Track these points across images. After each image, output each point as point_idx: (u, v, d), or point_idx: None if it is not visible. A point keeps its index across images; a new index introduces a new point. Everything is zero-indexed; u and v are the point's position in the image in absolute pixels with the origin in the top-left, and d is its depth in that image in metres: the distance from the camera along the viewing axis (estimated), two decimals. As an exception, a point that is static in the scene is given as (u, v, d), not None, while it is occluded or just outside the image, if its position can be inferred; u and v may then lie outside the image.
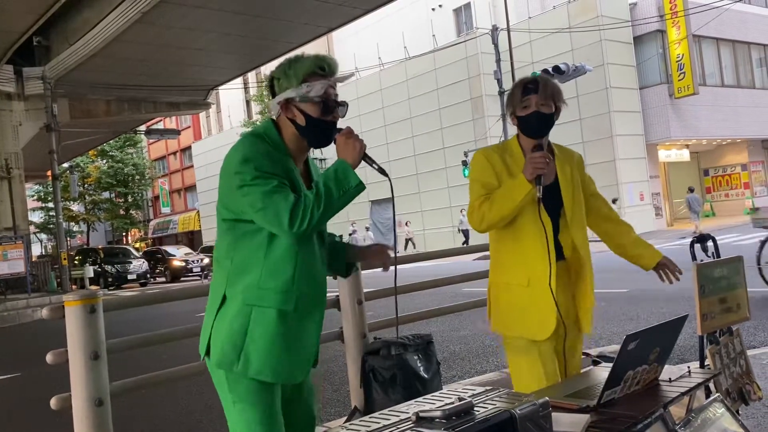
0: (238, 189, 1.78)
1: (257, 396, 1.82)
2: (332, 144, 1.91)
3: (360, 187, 1.81)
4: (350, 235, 28.14)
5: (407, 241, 27.96)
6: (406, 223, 28.27)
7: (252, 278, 1.82)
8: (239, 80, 27.48)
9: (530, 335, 2.37)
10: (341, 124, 1.96)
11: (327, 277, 2.02)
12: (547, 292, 2.31)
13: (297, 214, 1.74)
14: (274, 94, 1.94)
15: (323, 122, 1.89)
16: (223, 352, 1.82)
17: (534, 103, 2.35)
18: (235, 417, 1.84)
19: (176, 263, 28.47)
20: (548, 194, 2.36)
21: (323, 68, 1.89)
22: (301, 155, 1.96)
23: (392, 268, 2.10)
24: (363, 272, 4.05)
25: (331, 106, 1.89)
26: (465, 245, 25.36)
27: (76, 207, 42.63)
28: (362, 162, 1.86)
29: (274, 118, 1.95)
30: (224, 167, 1.85)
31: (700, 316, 2.55)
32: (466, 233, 25.72)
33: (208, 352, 1.87)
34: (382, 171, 1.90)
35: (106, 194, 43.84)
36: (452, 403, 1.39)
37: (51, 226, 37.72)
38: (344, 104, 1.93)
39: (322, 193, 1.76)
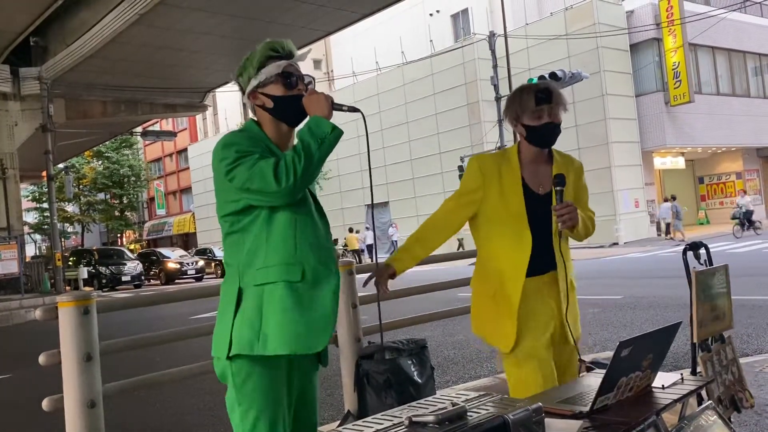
0: (226, 175, 1.82)
1: (262, 398, 1.81)
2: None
3: (336, 131, 1.83)
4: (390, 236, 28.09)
5: (459, 241, 27.64)
6: None
7: (258, 262, 1.84)
8: (235, 83, 27.46)
9: (498, 345, 2.40)
10: None
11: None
12: (512, 305, 2.33)
13: (281, 170, 1.77)
14: (244, 93, 1.99)
15: (288, 98, 1.92)
16: (241, 336, 1.80)
17: (546, 114, 2.31)
18: (237, 418, 1.84)
19: (171, 265, 28.40)
20: (545, 202, 2.36)
21: (276, 50, 1.94)
22: (285, 144, 1.97)
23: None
24: (358, 276, 4.06)
25: (293, 81, 1.92)
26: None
27: (70, 208, 42.53)
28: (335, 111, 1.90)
29: (254, 118, 1.99)
30: (213, 165, 1.88)
31: (697, 324, 2.56)
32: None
33: (228, 354, 1.84)
34: (353, 109, 1.96)
35: (101, 195, 43.76)
36: (445, 408, 1.39)
37: (45, 226, 37.62)
38: (310, 78, 1.97)
39: (299, 147, 1.80)
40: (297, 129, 1.94)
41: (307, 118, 1.88)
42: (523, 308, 2.35)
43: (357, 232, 29.21)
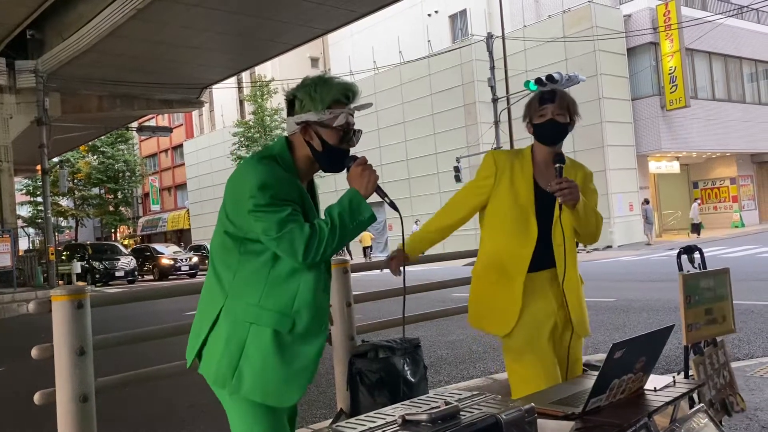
0: (251, 213, 1.77)
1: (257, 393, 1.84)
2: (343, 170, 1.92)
3: (372, 218, 1.83)
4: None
5: None
6: None
7: (253, 296, 1.82)
8: (233, 80, 27.47)
9: (496, 330, 2.49)
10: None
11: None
12: (515, 290, 2.41)
13: (312, 246, 1.75)
14: (291, 110, 1.92)
15: (338, 150, 1.89)
16: (219, 369, 1.81)
17: (550, 112, 2.44)
18: (235, 411, 1.86)
19: (165, 261, 28.34)
20: (549, 202, 2.43)
21: (348, 96, 1.89)
22: (309, 175, 1.96)
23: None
24: (353, 275, 4.06)
25: (350, 136, 1.90)
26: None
27: (65, 202, 42.36)
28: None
29: (287, 135, 1.94)
30: (236, 186, 1.82)
31: (686, 327, 2.57)
32: None
33: (199, 357, 1.88)
34: (393, 206, 1.94)
35: (95, 190, 43.59)
36: (438, 407, 1.39)
37: (39, 220, 37.41)
38: (360, 132, 1.95)
39: (337, 225, 1.78)
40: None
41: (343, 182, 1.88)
42: (524, 303, 2.43)
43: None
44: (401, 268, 2.41)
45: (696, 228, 24.40)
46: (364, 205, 1.82)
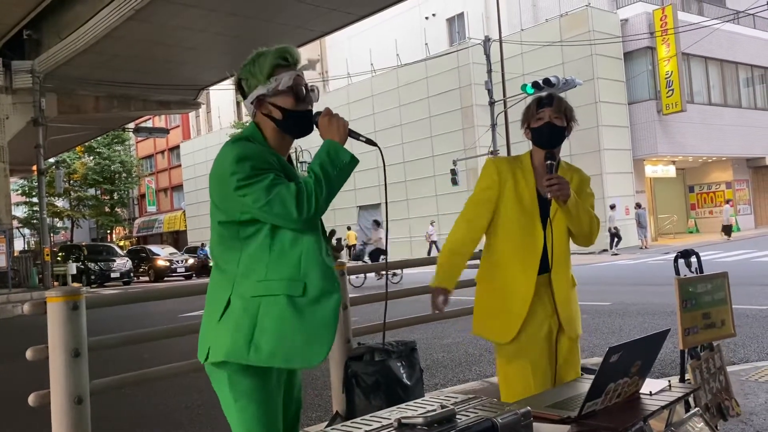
0: (236, 190, 1.77)
1: (257, 393, 1.82)
2: (314, 131, 1.94)
3: (354, 161, 1.84)
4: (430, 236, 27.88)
5: None
6: None
7: (259, 274, 1.82)
8: (230, 81, 27.48)
9: (492, 337, 2.50)
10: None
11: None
12: (524, 297, 2.41)
13: (302, 200, 1.75)
14: (244, 95, 1.95)
15: (299, 112, 1.90)
16: (234, 343, 1.79)
17: (547, 116, 2.46)
18: (235, 415, 1.84)
19: (160, 263, 28.28)
20: (546, 207, 2.45)
21: (286, 59, 1.91)
22: (284, 151, 1.97)
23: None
24: (350, 276, 4.06)
25: (303, 94, 1.91)
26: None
27: (60, 203, 42.27)
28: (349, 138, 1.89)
29: (251, 119, 1.96)
30: (216, 171, 1.83)
31: (682, 331, 2.57)
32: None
33: (206, 358, 1.86)
34: (370, 142, 1.95)
35: (91, 191, 43.50)
36: (434, 410, 1.39)
37: (35, 221, 37.33)
38: (314, 89, 1.95)
39: (321, 175, 1.79)
40: (300, 140, 1.93)
41: (315, 136, 1.88)
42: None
43: (348, 229, 29.33)
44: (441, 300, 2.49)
45: (727, 230, 24.23)
46: (342, 151, 1.83)
